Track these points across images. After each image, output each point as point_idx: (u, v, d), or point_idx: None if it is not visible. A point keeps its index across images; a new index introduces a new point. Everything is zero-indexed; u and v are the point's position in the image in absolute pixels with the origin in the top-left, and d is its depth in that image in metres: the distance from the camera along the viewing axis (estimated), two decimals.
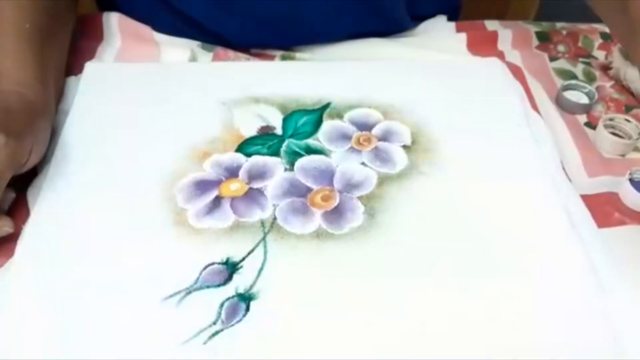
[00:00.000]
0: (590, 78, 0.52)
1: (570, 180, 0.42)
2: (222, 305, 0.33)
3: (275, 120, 0.44)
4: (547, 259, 0.36)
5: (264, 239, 0.36)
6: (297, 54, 0.52)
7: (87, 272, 0.34)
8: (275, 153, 0.42)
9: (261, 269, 0.35)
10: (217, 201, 0.38)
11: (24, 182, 0.39)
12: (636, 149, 0.46)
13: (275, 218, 0.37)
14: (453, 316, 0.33)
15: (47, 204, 0.37)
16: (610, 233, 0.39)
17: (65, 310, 0.32)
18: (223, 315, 0.32)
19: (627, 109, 0.50)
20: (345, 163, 0.41)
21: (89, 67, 0.48)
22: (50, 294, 0.33)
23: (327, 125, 0.44)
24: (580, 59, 0.54)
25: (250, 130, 0.43)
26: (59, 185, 0.39)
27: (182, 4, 0.50)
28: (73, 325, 0.32)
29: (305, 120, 0.44)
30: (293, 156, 0.41)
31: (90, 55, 0.51)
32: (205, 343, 0.31)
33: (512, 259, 0.36)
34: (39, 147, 0.38)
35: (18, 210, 0.38)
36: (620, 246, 0.38)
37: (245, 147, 0.42)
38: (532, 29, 0.56)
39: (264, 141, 0.43)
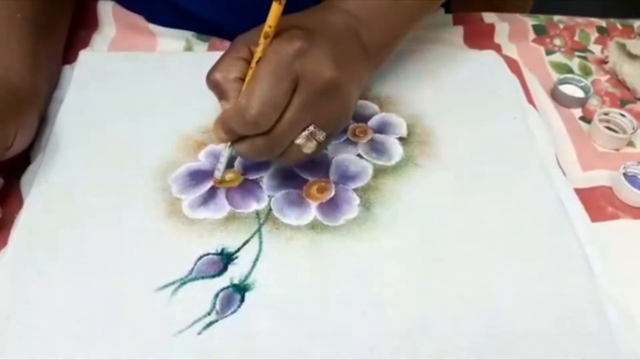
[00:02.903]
0: (586, 72, 0.53)
1: (564, 173, 0.42)
2: (216, 295, 0.33)
3: None
4: (541, 250, 0.36)
5: (259, 230, 0.36)
6: None
7: (80, 262, 0.34)
8: None
9: (256, 260, 0.35)
10: (212, 192, 0.38)
11: (17, 171, 0.39)
12: (630, 144, 0.46)
13: (270, 209, 0.37)
14: (447, 305, 0.33)
15: (40, 193, 0.37)
16: (603, 227, 0.39)
17: (59, 300, 0.32)
18: (218, 306, 0.32)
19: (622, 104, 0.50)
20: (341, 155, 0.41)
21: (84, 55, 0.47)
22: (43, 283, 0.33)
23: None
24: (577, 53, 0.54)
25: None
26: (52, 174, 0.38)
27: None
28: (67, 315, 0.32)
29: None
30: None
31: (85, 43, 0.50)
32: (199, 333, 0.31)
33: (506, 250, 0.36)
34: (25, 132, 0.38)
35: (11, 199, 0.38)
36: (613, 240, 0.38)
37: None
38: (529, 22, 0.56)
39: None
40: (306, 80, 0.31)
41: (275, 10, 0.31)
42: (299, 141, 0.33)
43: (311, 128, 0.33)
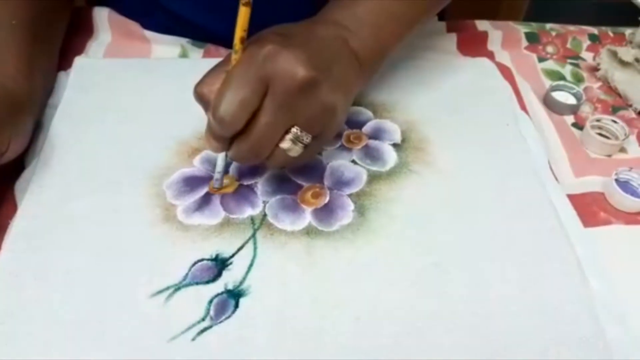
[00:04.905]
0: (578, 79, 0.53)
1: (557, 179, 0.42)
2: (211, 301, 0.33)
3: None
4: (534, 256, 0.36)
5: (253, 235, 0.36)
6: None
7: (74, 268, 0.34)
8: None
9: (251, 266, 0.35)
10: (206, 197, 0.38)
11: (11, 176, 0.39)
12: (622, 150, 0.46)
13: (265, 215, 0.37)
14: (441, 310, 0.33)
15: (34, 199, 0.37)
16: (596, 232, 0.39)
17: (53, 307, 0.32)
18: (212, 312, 0.32)
19: (614, 110, 0.50)
20: (335, 160, 0.41)
21: (79, 61, 0.48)
22: (37, 289, 0.33)
23: None
24: (569, 60, 0.55)
25: None
26: (47, 180, 0.38)
27: (172, 4, 0.50)
28: (60, 321, 0.31)
29: None
30: None
31: (80, 50, 0.50)
32: (193, 339, 0.31)
33: (499, 256, 0.36)
34: (20, 138, 0.38)
35: (6, 204, 0.38)
36: (605, 245, 0.38)
37: None
38: (522, 29, 0.57)
39: None
40: (277, 81, 0.32)
41: (243, 13, 0.31)
42: (284, 145, 0.33)
43: (295, 130, 0.33)
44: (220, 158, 0.37)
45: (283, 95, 0.32)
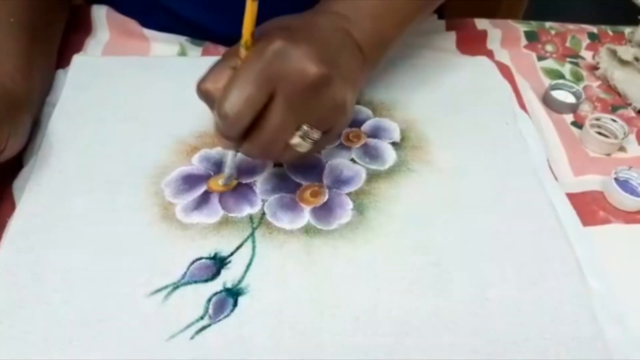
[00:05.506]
0: (577, 78, 0.53)
1: (556, 178, 0.42)
2: (209, 300, 0.33)
3: None
4: (533, 255, 0.36)
5: (252, 234, 0.36)
6: None
7: (73, 266, 0.34)
8: None
9: (249, 264, 0.35)
10: (205, 196, 0.38)
11: (9, 174, 0.39)
12: (622, 149, 0.46)
13: (264, 213, 0.37)
14: (440, 310, 0.33)
15: (33, 197, 0.37)
16: (595, 231, 0.39)
17: (51, 306, 0.32)
18: (210, 310, 0.32)
19: (613, 109, 0.50)
20: (334, 159, 0.41)
21: (77, 59, 0.47)
22: (35, 288, 0.33)
23: None
24: (568, 59, 0.55)
25: None
26: (45, 178, 0.38)
27: (171, 3, 0.50)
28: (59, 320, 0.31)
29: None
30: None
31: (78, 47, 0.50)
32: (192, 338, 0.31)
33: (499, 255, 0.36)
34: (18, 137, 0.38)
35: (4, 203, 0.38)
36: (605, 244, 0.38)
37: None
38: (521, 28, 0.57)
39: None
40: (288, 80, 0.31)
41: (252, 8, 0.31)
42: (293, 141, 0.33)
43: (305, 128, 0.33)
44: (230, 156, 0.36)
45: (294, 95, 0.31)
